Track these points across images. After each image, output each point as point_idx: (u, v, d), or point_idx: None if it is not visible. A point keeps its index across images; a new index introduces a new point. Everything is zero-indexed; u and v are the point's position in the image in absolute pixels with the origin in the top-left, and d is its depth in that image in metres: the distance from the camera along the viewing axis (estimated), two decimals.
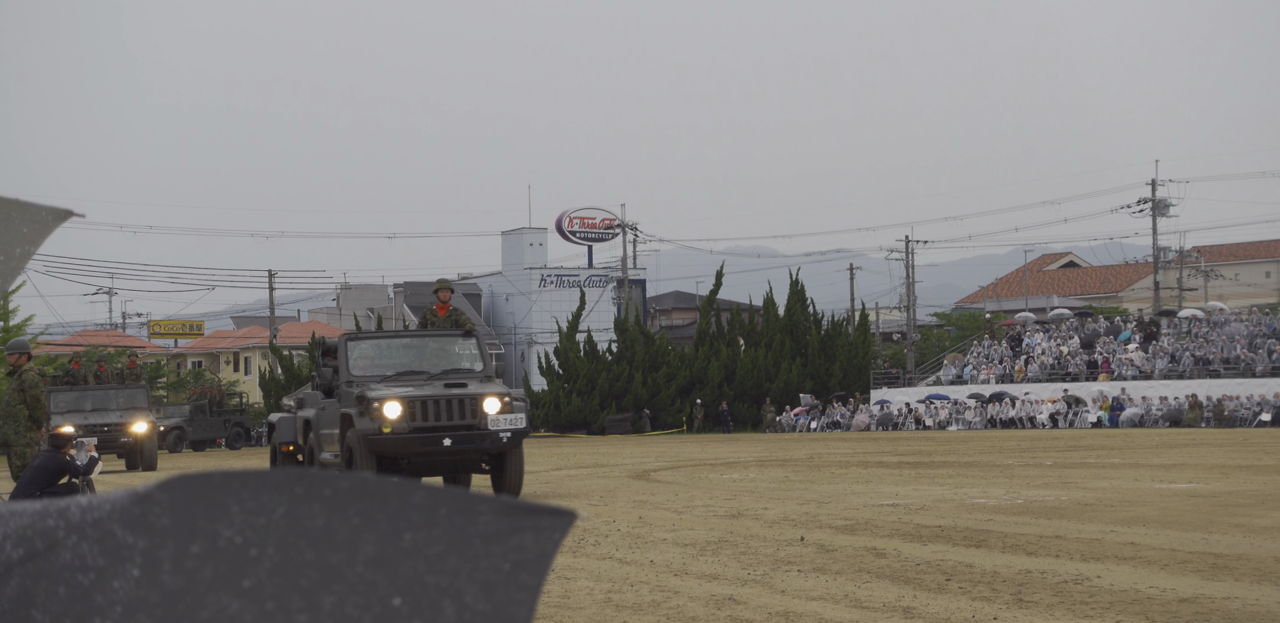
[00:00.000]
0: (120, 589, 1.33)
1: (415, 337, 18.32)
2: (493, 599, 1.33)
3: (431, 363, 17.93)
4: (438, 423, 16.69)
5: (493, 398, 16.96)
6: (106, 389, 33.78)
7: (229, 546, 1.33)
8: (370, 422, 16.52)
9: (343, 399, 17.38)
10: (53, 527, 1.39)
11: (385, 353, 18.02)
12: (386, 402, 16.55)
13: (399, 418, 16.52)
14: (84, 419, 32.07)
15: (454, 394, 16.89)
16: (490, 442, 16.80)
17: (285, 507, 1.35)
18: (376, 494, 1.37)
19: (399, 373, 17.53)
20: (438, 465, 17.27)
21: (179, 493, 1.36)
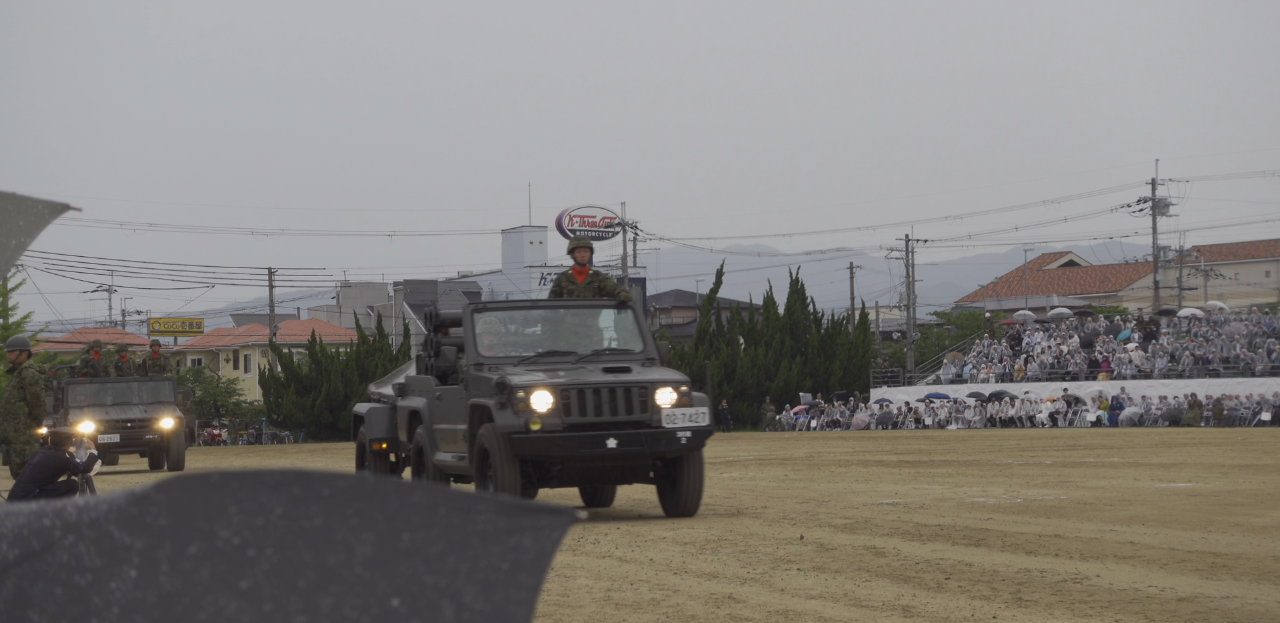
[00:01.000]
0: (117, 590, 1.33)
1: (556, 308, 14.91)
2: (492, 599, 1.33)
3: (576, 341, 14.64)
4: (598, 418, 13.38)
5: (667, 388, 13.59)
6: (129, 382, 30.72)
7: (227, 546, 1.32)
8: (514, 416, 13.16)
9: (472, 386, 14.01)
10: (49, 527, 1.39)
11: (520, 328, 14.83)
12: (535, 390, 13.22)
13: (549, 411, 13.23)
14: (105, 414, 29.48)
15: (618, 382, 13.49)
16: (665, 443, 13.44)
17: (283, 507, 1.34)
18: (375, 494, 1.36)
19: (540, 354, 14.26)
20: (596, 472, 13.80)
21: (176, 493, 1.35)
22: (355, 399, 55.21)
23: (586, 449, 13.28)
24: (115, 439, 29.20)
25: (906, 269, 71.51)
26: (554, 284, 15.70)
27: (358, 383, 56.01)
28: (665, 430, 13.45)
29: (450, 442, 14.60)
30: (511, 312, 14.88)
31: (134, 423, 29.60)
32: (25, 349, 16.56)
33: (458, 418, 14.29)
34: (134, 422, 29.60)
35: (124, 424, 29.44)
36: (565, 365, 14.00)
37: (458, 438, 14.29)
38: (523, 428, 13.13)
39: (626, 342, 14.73)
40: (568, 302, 14.95)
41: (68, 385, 29.77)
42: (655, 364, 14.36)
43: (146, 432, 29.64)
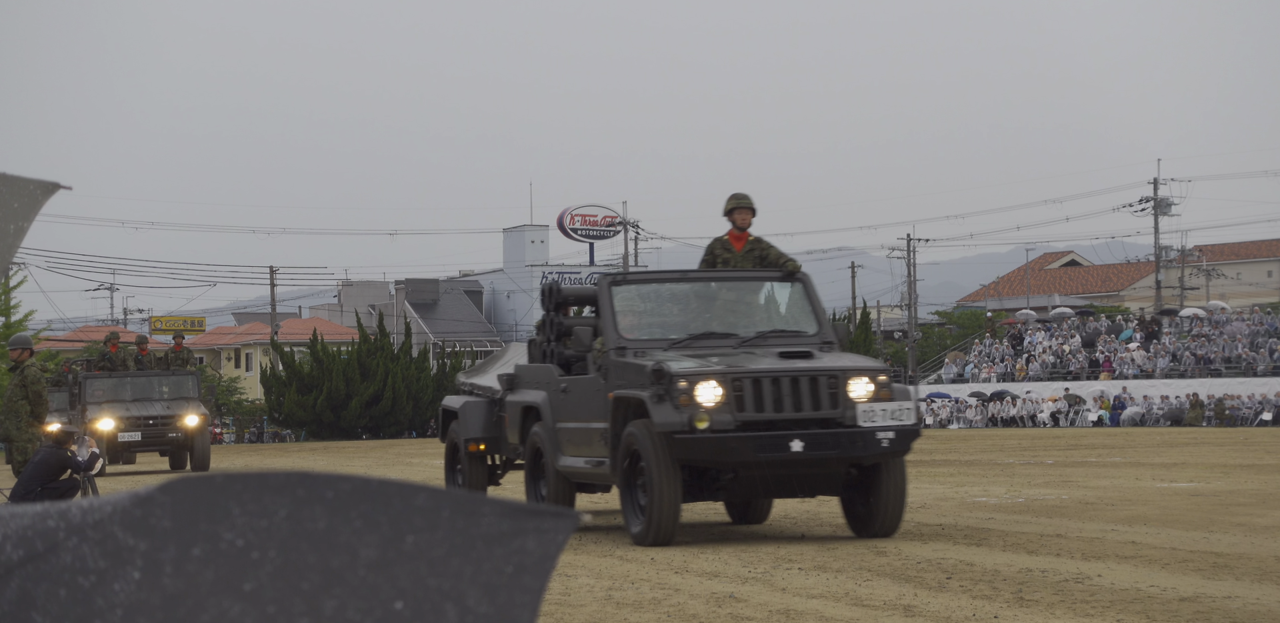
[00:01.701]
0: (121, 592, 1.33)
1: (708, 281, 12.40)
2: (495, 602, 1.33)
3: (734, 321, 12.18)
4: (778, 415, 10.91)
5: (862, 377, 11.11)
6: (150, 376, 28.55)
7: (230, 548, 1.32)
8: (674, 411, 10.70)
9: (613, 375, 11.54)
10: (53, 528, 1.39)
11: (666, 305, 12.32)
12: (701, 380, 10.78)
13: (717, 405, 10.77)
14: (125, 411, 27.50)
15: (802, 370, 11.03)
16: (862, 446, 10.90)
17: (287, 509, 1.34)
18: (379, 497, 1.36)
19: (692, 336, 11.84)
20: (775, 482, 11.25)
21: (180, 495, 1.35)
22: (357, 398, 55.24)
23: (765, 453, 10.74)
24: (136, 437, 27.53)
25: (908, 268, 71.50)
26: (706, 252, 12.92)
27: (359, 382, 56.03)
28: (862, 430, 10.90)
29: (581, 443, 12.10)
30: (656, 285, 12.35)
31: (156, 420, 27.69)
32: (27, 347, 16.56)
33: (591, 414, 11.88)
34: (156, 419, 27.69)
35: (145, 421, 27.58)
36: (724, 349, 11.63)
37: (592, 439, 11.84)
38: (686, 426, 10.67)
39: (797, 321, 12.27)
40: (725, 272, 12.44)
41: (85, 380, 28.07)
42: (835, 349, 12.00)
43: (169, 429, 27.68)
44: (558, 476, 12.45)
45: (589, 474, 12.09)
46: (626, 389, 11.26)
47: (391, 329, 65.71)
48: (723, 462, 10.92)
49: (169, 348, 30.48)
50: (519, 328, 76.96)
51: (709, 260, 12.86)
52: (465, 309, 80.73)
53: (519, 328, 76.96)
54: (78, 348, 63.50)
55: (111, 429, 26.84)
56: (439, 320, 78.29)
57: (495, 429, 14.12)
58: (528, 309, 76.07)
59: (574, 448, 12.22)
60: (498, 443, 14.16)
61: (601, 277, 12.27)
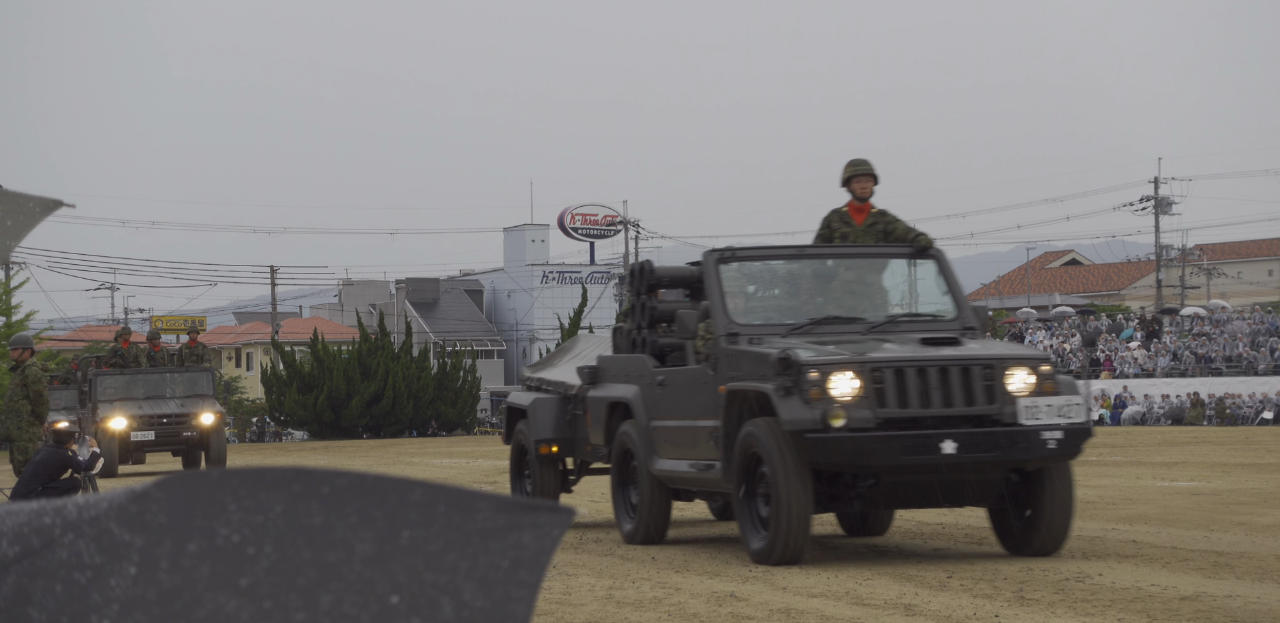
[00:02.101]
0: (117, 587, 1.33)
1: (830, 257, 10.98)
2: (491, 597, 1.33)
3: (857, 304, 10.78)
4: (926, 411, 9.46)
5: (1022, 368, 9.66)
6: (162, 373, 27.39)
7: (226, 544, 1.32)
8: (805, 407, 9.22)
9: (726, 365, 10.07)
10: (49, 524, 1.39)
11: (782, 286, 11.03)
12: (836, 370, 9.33)
13: (854, 399, 9.32)
14: (138, 409, 26.28)
15: (951, 359, 9.60)
16: (1025, 448, 9.40)
17: (283, 505, 1.34)
18: (374, 492, 1.36)
19: (814, 321, 10.39)
20: (921, 490, 9.77)
21: (176, 491, 1.35)
22: (357, 398, 55.23)
23: (912, 456, 9.31)
24: (149, 436, 26.37)
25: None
26: (821, 226, 11.33)
27: (359, 381, 56.05)
28: (1025, 429, 9.44)
29: (683, 444, 10.65)
30: (770, 263, 11.01)
31: (170, 418, 26.45)
32: (28, 347, 16.57)
33: (696, 411, 10.42)
34: (170, 417, 26.46)
35: (159, 420, 26.36)
36: (851, 337, 10.20)
37: (697, 439, 10.38)
38: (818, 424, 9.18)
39: (932, 304, 10.95)
40: (849, 248, 11.00)
41: (96, 377, 27.08)
42: (980, 335, 10.68)
43: (184, 428, 26.46)
44: (652, 481, 11.04)
45: (693, 479, 10.65)
46: (743, 381, 9.80)
47: (392, 329, 65.71)
48: (862, 466, 9.41)
49: (183, 344, 29.56)
50: (519, 327, 76.97)
51: (824, 236, 11.26)
52: (466, 308, 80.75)
53: (519, 327, 76.97)
54: (78, 347, 63.48)
55: (124, 428, 25.91)
56: (439, 320, 78.32)
57: (569, 429, 12.63)
58: (528, 308, 76.11)
59: (673, 449, 10.76)
60: (571, 445, 12.67)
61: (708, 253, 10.71)
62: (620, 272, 72.64)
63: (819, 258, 11.00)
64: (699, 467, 10.38)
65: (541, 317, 74.18)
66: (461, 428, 57.03)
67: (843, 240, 11.16)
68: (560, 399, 12.83)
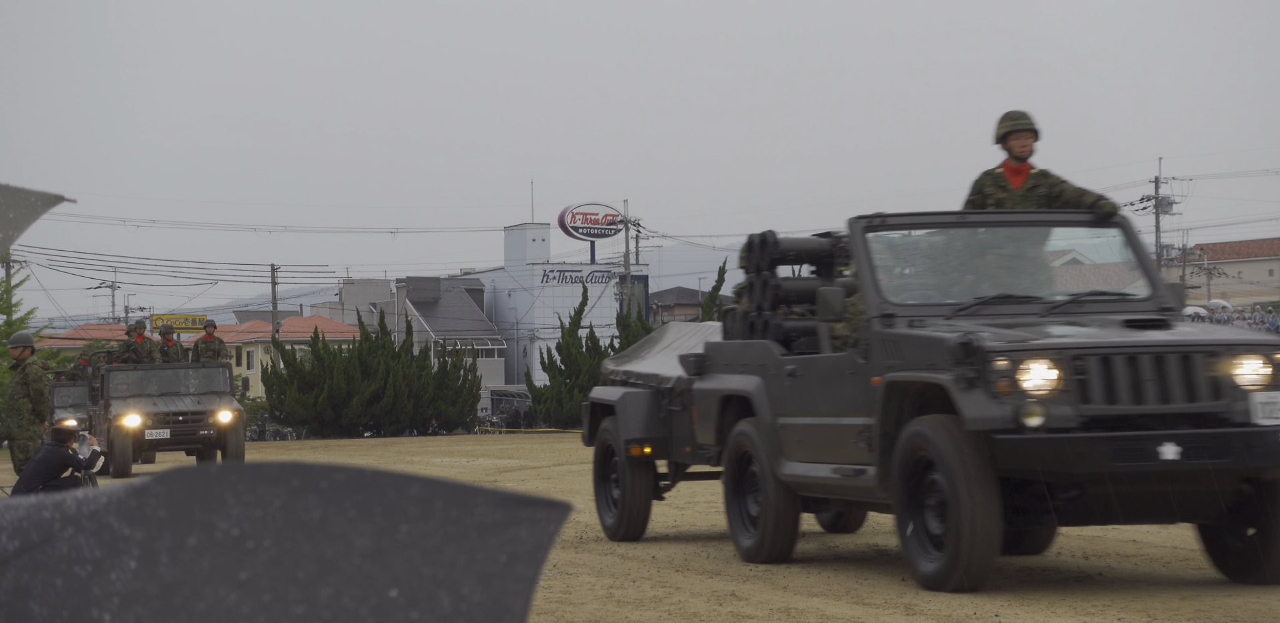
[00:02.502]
0: (118, 581, 1.33)
1: (996, 226, 9.41)
2: (489, 591, 1.33)
3: (1032, 280, 9.33)
4: (1138, 408, 7.97)
5: (1253, 357, 8.10)
6: (177, 369, 26.27)
7: (226, 538, 1.33)
8: (992, 403, 7.77)
9: (881, 352, 8.57)
10: (49, 519, 1.39)
11: (941, 259, 9.44)
12: (1029, 359, 7.85)
13: (1052, 393, 7.83)
14: (152, 406, 25.03)
15: (1163, 345, 8.10)
16: (1265, 454, 7.88)
17: (281, 499, 1.35)
18: (373, 487, 1.37)
19: (982, 300, 8.83)
20: (1137, 502, 8.23)
21: (176, 486, 1.36)
22: (358, 396, 55.25)
23: (1126, 462, 7.81)
24: (164, 435, 25.15)
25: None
26: (972, 190, 9.75)
27: (360, 380, 56.09)
28: (1262, 431, 7.90)
29: (821, 445, 9.17)
30: (924, 233, 9.53)
31: (186, 416, 25.17)
32: (29, 346, 16.59)
33: (839, 406, 8.96)
34: (186, 414, 25.18)
35: (174, 417, 25.06)
36: (1028, 317, 8.69)
37: (842, 439, 8.89)
38: (1010, 423, 7.73)
39: (1119, 281, 9.55)
40: (1019, 215, 9.41)
41: (108, 373, 25.86)
42: (1181, 318, 9.16)
43: (201, 426, 25.15)
44: (778, 488, 9.54)
45: (836, 487, 9.14)
46: (906, 372, 8.32)
47: (393, 327, 65.70)
48: (1064, 473, 7.87)
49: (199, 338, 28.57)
50: (520, 326, 77.02)
51: (975, 203, 9.65)
52: (466, 307, 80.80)
53: (520, 326, 77.02)
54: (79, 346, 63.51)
55: (138, 426, 24.73)
56: (440, 319, 78.36)
57: (663, 428, 11.26)
58: (529, 307, 76.16)
59: (808, 451, 9.27)
60: (666, 445, 11.30)
61: (853, 220, 9.18)
62: (621, 271, 72.69)
63: (985, 226, 9.37)
64: (844, 472, 8.85)
65: (542, 316, 74.22)
66: (462, 427, 57.10)
67: (997, 207, 9.51)
68: (653, 394, 11.46)
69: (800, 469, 9.34)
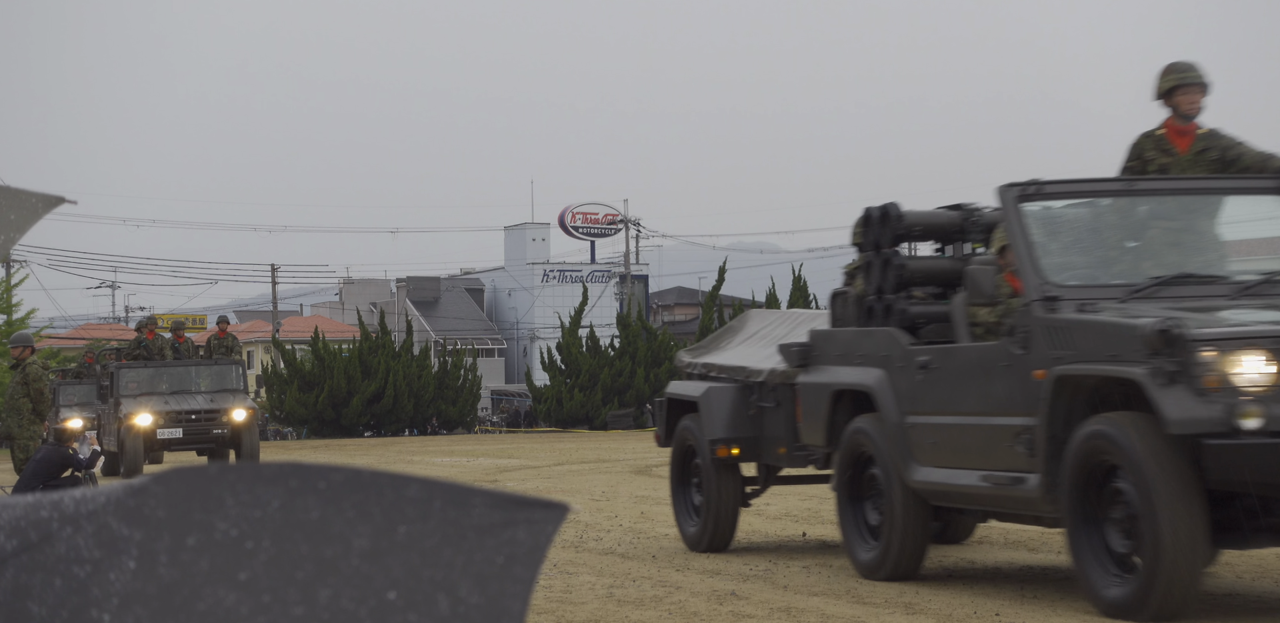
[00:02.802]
0: (117, 581, 1.33)
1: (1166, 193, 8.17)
2: (487, 592, 1.33)
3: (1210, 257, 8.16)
4: None
5: None
6: (188, 366, 25.46)
7: (225, 538, 1.33)
8: (1198, 402, 6.73)
9: (1045, 340, 7.43)
10: (47, 519, 1.39)
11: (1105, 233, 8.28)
12: (1241, 350, 6.83)
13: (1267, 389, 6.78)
14: (163, 404, 24.26)
15: None
16: None
17: (280, 500, 1.34)
18: (371, 487, 1.36)
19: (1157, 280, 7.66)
20: None
21: (174, 486, 1.35)
22: (358, 396, 55.24)
23: None
24: (177, 434, 24.33)
25: None
26: (1129, 154, 8.59)
27: (360, 379, 56.07)
28: None
29: (966, 449, 8.05)
30: (1086, 203, 8.31)
31: (199, 414, 24.35)
32: (29, 345, 16.59)
33: (990, 403, 7.82)
34: (199, 413, 24.37)
35: (187, 416, 24.25)
36: (1221, 302, 7.57)
37: (994, 442, 7.78)
38: (1222, 425, 6.68)
39: None
40: (1197, 181, 8.26)
41: (118, 371, 25.05)
42: None
43: (215, 425, 24.29)
44: (906, 497, 8.46)
45: (986, 497, 8.00)
46: (1081, 364, 7.22)
47: (393, 327, 65.69)
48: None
49: (212, 334, 27.83)
50: (520, 325, 76.99)
51: (1134, 168, 8.51)
52: (466, 307, 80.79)
53: (520, 325, 76.99)
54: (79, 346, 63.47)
55: (149, 425, 23.96)
56: (440, 318, 78.34)
57: (752, 427, 10.22)
58: (529, 307, 76.13)
59: (947, 455, 8.17)
60: (756, 446, 10.23)
61: (1004, 188, 8.00)
62: (621, 270, 72.65)
63: (1156, 194, 8.15)
64: (997, 481, 7.70)
65: (542, 315, 74.20)
66: (462, 427, 57.10)
67: (1160, 173, 8.36)
68: (740, 389, 10.37)
69: (936, 476, 8.21)
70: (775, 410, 10.06)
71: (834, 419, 9.10)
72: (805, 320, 10.96)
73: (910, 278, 9.00)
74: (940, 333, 8.68)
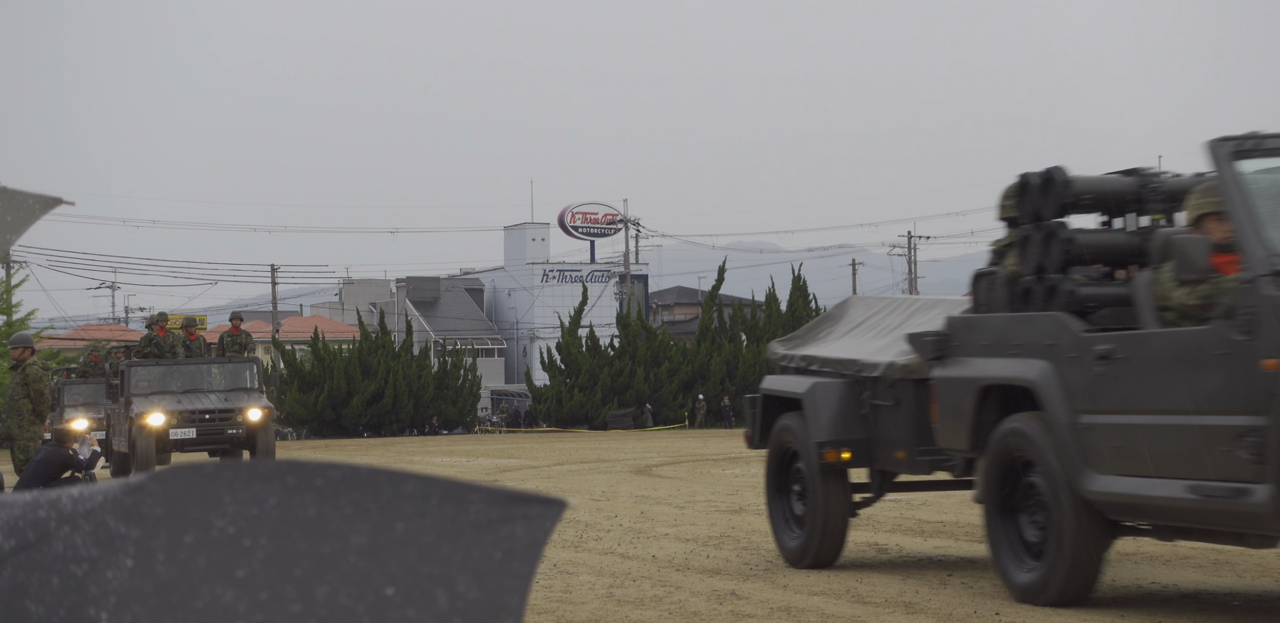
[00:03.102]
0: (114, 580, 1.33)
1: None
2: (485, 588, 1.33)
3: None
4: None
5: None
6: (200, 364, 24.67)
7: (222, 536, 1.33)
8: None
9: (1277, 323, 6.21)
10: (44, 517, 1.39)
11: None
12: None
13: None
14: (176, 403, 23.52)
15: None
16: None
17: (277, 497, 1.35)
18: (368, 484, 1.36)
19: None
20: None
21: (171, 483, 1.35)
22: (358, 396, 55.22)
23: None
24: (190, 434, 23.60)
25: (909, 266, 71.50)
26: None
27: (360, 380, 56.08)
28: None
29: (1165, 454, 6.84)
30: None
31: (213, 414, 23.63)
32: (29, 346, 16.59)
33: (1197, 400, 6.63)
34: (213, 412, 23.65)
35: (200, 416, 23.50)
36: None
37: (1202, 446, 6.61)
38: None
39: None
40: None
41: (129, 369, 24.25)
42: None
43: (229, 425, 23.55)
44: (1079, 508, 7.30)
45: (1195, 512, 6.79)
46: None
47: (392, 327, 65.73)
48: None
49: (225, 331, 27.10)
50: (520, 325, 77.01)
51: None
52: (466, 307, 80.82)
53: (520, 325, 77.01)
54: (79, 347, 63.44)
55: (162, 425, 23.25)
56: (440, 318, 78.35)
57: (865, 428, 9.19)
58: (529, 307, 76.14)
59: (1137, 461, 6.97)
60: (869, 449, 9.17)
61: (1215, 142, 6.75)
62: (621, 270, 72.65)
63: None
64: (1211, 492, 6.55)
65: (542, 315, 74.22)
66: (462, 426, 57.10)
67: None
68: (850, 385, 9.32)
69: (1122, 485, 7.04)
70: (894, 410, 8.98)
71: (980, 419, 7.95)
72: (921, 308, 9.81)
73: (1079, 254, 7.76)
74: (1116, 318, 7.49)
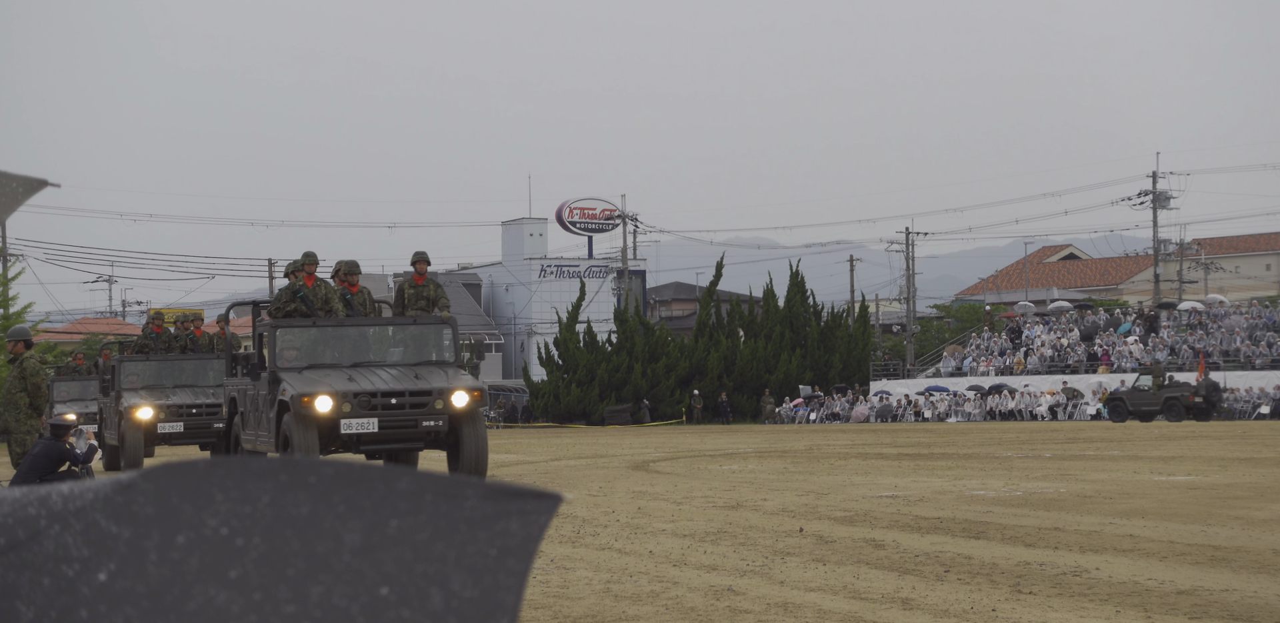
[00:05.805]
0: (106, 580, 1.32)
1: None
2: (480, 585, 1.32)
3: None
4: None
5: None
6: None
7: (214, 535, 1.31)
8: None
9: None
10: (34, 516, 1.38)
11: None
12: None
13: None
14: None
15: None
16: None
17: (270, 495, 1.33)
18: (361, 481, 1.35)
19: None
20: None
21: (163, 482, 1.34)
22: None
23: None
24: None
25: (906, 262, 71.50)
26: None
27: None
28: None
29: None
30: None
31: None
32: (25, 340, 16.56)
33: None
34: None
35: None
36: None
37: None
38: None
39: None
40: None
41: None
42: None
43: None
44: None
45: None
46: None
47: None
48: None
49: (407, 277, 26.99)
50: (517, 321, 76.97)
51: None
52: (464, 302, 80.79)
53: (517, 321, 76.97)
54: (76, 340, 63.42)
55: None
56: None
57: None
58: (526, 302, 76.11)
59: None
60: None
61: None
62: (619, 266, 72.63)
63: None
64: None
65: (539, 310, 74.18)
66: None
67: None
68: None
69: None
70: None
71: None
72: None
73: None
74: None
